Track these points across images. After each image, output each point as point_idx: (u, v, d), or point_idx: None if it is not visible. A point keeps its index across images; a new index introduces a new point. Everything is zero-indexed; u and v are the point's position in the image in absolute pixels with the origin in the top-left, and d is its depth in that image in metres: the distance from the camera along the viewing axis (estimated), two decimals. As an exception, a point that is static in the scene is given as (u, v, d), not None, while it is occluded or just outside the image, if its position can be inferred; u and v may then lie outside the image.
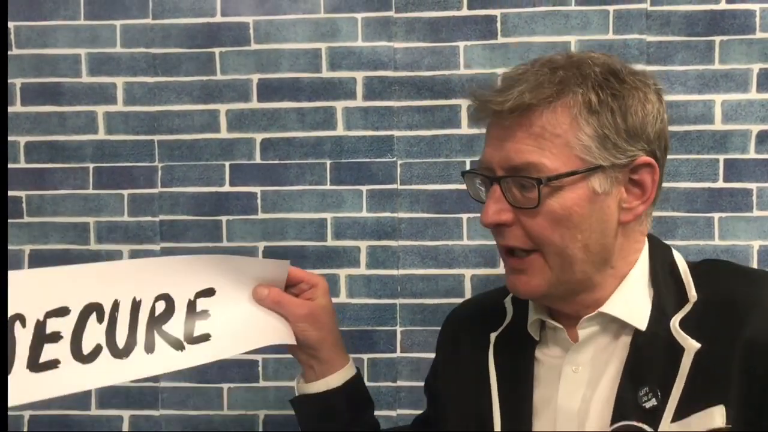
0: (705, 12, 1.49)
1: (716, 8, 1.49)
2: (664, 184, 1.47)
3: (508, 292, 1.10)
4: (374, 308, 1.56)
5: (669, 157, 1.46)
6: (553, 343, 1.03)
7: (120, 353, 0.95)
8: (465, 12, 1.53)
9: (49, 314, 0.92)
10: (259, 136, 1.57)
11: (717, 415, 0.88)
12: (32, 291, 0.92)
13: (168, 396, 1.58)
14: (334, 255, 1.56)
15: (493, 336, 1.08)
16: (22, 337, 0.90)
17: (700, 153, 1.50)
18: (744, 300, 0.92)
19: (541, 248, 0.95)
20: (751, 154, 1.49)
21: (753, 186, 1.50)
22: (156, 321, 0.98)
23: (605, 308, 0.98)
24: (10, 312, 0.90)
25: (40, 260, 1.58)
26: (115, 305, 0.96)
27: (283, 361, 1.58)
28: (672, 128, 1.49)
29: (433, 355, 1.53)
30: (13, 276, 0.91)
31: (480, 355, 1.08)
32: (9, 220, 1.59)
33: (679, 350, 0.92)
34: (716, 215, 1.50)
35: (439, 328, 1.52)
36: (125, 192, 1.59)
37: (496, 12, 1.52)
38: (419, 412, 1.36)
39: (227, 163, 1.57)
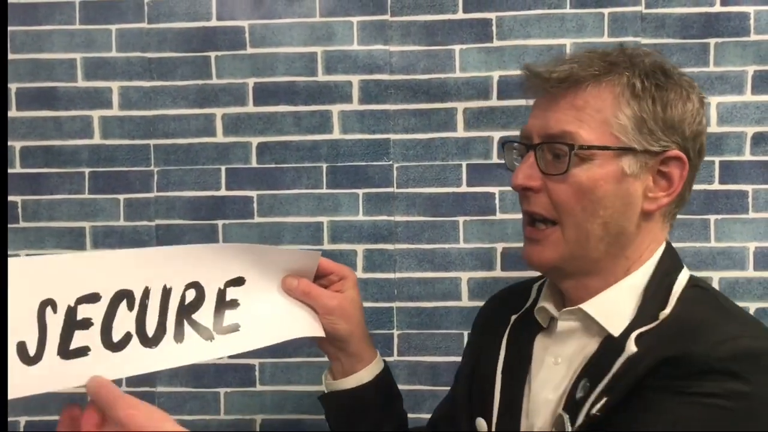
0: (700, 14, 1.49)
1: (711, 11, 1.49)
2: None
3: (541, 278, 1.14)
4: (371, 311, 1.56)
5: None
6: (552, 332, 1.06)
7: (149, 342, 0.93)
8: (460, 15, 1.53)
9: (80, 300, 0.90)
10: (255, 140, 1.57)
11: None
12: (63, 276, 0.90)
13: (165, 400, 1.58)
14: (330, 258, 1.55)
15: (513, 318, 1.11)
16: (53, 323, 0.88)
17: (696, 155, 1.50)
18: (697, 324, 0.92)
19: (562, 218, 0.97)
20: (747, 156, 1.50)
21: (749, 188, 1.50)
22: (186, 309, 0.97)
23: (586, 306, 1.00)
24: (41, 298, 0.88)
25: (36, 265, 1.58)
26: (146, 292, 0.94)
27: (280, 365, 1.57)
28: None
29: (429, 359, 1.55)
30: (41, 261, 0.90)
31: (500, 335, 1.11)
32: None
33: (620, 352, 0.94)
34: (712, 217, 1.50)
35: (436, 331, 1.54)
36: (121, 197, 1.58)
37: (492, 15, 1.52)
38: (417, 415, 1.36)
39: (223, 167, 1.57)
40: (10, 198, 1.58)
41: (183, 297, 0.97)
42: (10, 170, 1.58)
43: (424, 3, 1.53)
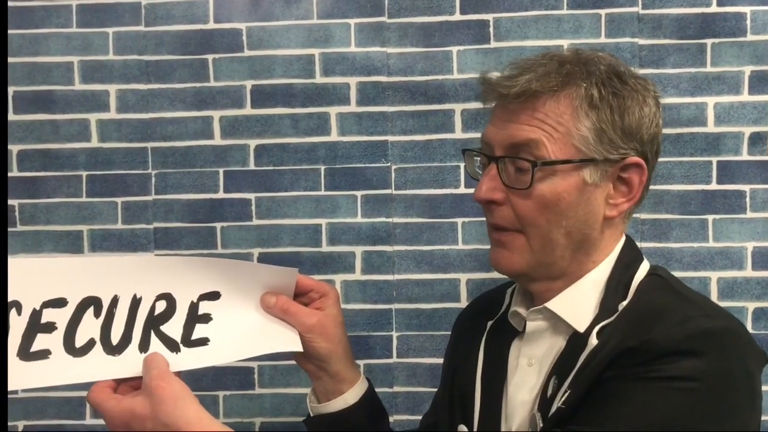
0: (696, 15, 1.49)
1: (708, 11, 1.49)
2: (658, 186, 1.49)
3: (512, 283, 1.15)
4: (370, 314, 1.56)
5: (662, 159, 1.48)
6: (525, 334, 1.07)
7: (113, 350, 0.93)
8: (458, 17, 1.53)
9: (46, 304, 0.91)
10: (253, 143, 1.57)
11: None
12: (31, 279, 0.91)
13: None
14: (329, 261, 1.56)
15: (489, 323, 1.12)
16: (17, 325, 0.89)
17: (693, 155, 1.50)
18: (653, 311, 0.94)
19: (526, 229, 0.99)
20: (744, 156, 1.50)
21: (746, 188, 1.50)
22: (155, 320, 0.96)
23: (551, 304, 1.01)
24: (9, 299, 0.89)
25: (33, 269, 1.57)
26: (114, 301, 0.95)
27: (279, 368, 1.57)
28: (665, 131, 1.49)
29: (429, 360, 1.55)
30: (13, 264, 0.91)
31: (477, 341, 1.12)
32: (2, 229, 1.59)
33: (583, 347, 0.95)
34: (710, 217, 1.51)
35: (435, 332, 1.54)
36: (119, 200, 1.58)
37: (489, 17, 1.53)
38: (416, 417, 1.36)
39: (221, 170, 1.57)
40: (8, 201, 1.58)
41: (153, 308, 0.97)
42: (7, 174, 1.58)
43: (421, 4, 1.53)
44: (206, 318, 0.99)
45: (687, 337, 0.89)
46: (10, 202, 1.58)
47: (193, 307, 0.99)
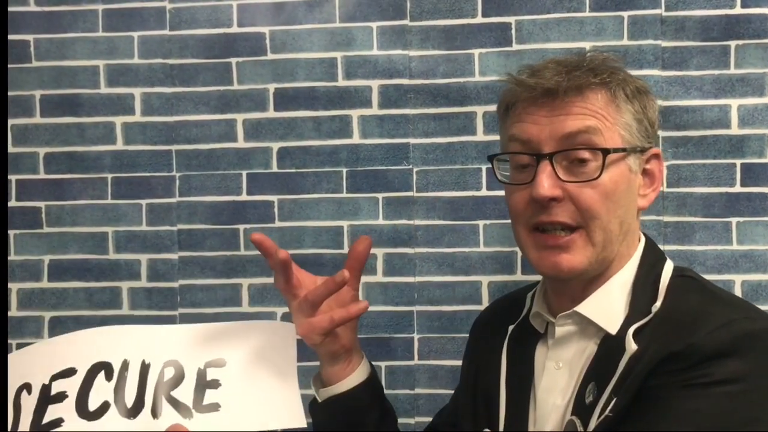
0: (720, 17, 1.49)
1: (731, 13, 1.48)
2: (682, 189, 1.49)
3: (532, 286, 1.15)
4: (391, 316, 1.56)
5: (685, 161, 1.50)
6: (550, 337, 1.07)
7: (128, 413, 0.93)
8: (479, 20, 1.53)
9: (55, 377, 0.92)
10: (275, 145, 1.58)
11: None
12: (38, 360, 0.92)
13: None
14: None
15: (510, 328, 1.12)
16: (27, 403, 0.90)
17: (717, 158, 1.49)
18: (692, 314, 0.94)
19: (588, 223, 0.98)
20: (769, 159, 1.49)
21: (771, 190, 1.49)
22: (165, 386, 0.96)
23: (580, 308, 1.01)
24: (18, 384, 0.90)
25: (59, 270, 1.60)
26: (125, 365, 0.95)
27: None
28: (688, 133, 1.50)
29: (450, 362, 1.55)
30: (18, 354, 0.92)
31: (498, 346, 1.12)
32: (29, 231, 1.60)
33: (622, 352, 0.95)
34: (734, 220, 1.50)
35: (456, 335, 1.54)
36: (143, 202, 1.60)
37: (511, 19, 1.53)
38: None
39: (244, 173, 1.58)
40: (34, 203, 1.60)
41: (162, 373, 0.97)
42: (34, 176, 1.60)
43: (443, 7, 1.54)
44: (215, 384, 0.99)
45: (732, 340, 0.89)
46: (36, 203, 1.60)
47: (201, 373, 0.99)
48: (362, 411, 1.12)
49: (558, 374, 1.02)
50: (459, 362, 1.36)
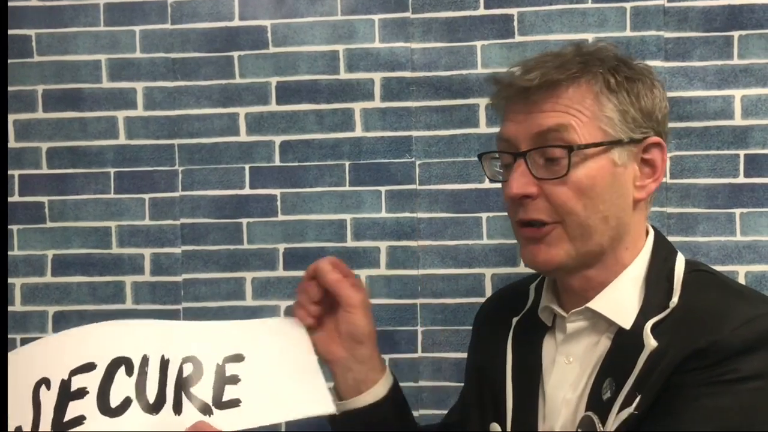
0: (723, 7, 1.48)
1: (734, 3, 1.48)
2: (685, 180, 1.49)
3: (535, 277, 1.14)
4: (395, 309, 1.56)
5: (689, 152, 1.49)
6: (559, 331, 1.06)
7: (150, 408, 0.92)
8: (482, 11, 1.53)
9: (74, 372, 0.90)
10: (278, 139, 1.58)
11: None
12: (56, 353, 0.91)
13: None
14: (354, 256, 1.56)
15: (514, 320, 1.12)
16: (47, 400, 0.88)
17: (720, 149, 1.49)
18: (714, 311, 0.94)
19: (564, 219, 0.98)
20: (772, 149, 1.49)
21: (774, 181, 1.49)
22: (184, 382, 0.95)
23: (593, 304, 1.01)
24: (35, 379, 0.88)
25: (62, 265, 1.60)
26: (145, 360, 0.94)
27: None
28: (691, 124, 1.49)
29: (454, 355, 1.55)
30: (34, 346, 0.91)
31: (502, 338, 1.11)
32: (32, 226, 1.61)
33: (640, 348, 0.94)
34: (737, 211, 1.49)
35: (460, 327, 1.54)
36: (146, 196, 1.60)
37: (513, 11, 1.52)
38: (442, 412, 1.36)
39: (247, 166, 1.58)
40: (37, 198, 1.60)
41: (181, 369, 0.95)
42: (36, 171, 1.61)
43: (445, 0, 1.53)
44: (234, 379, 0.98)
45: (757, 337, 0.90)
46: (39, 198, 1.61)
47: (220, 368, 0.98)
48: (380, 426, 1.10)
49: (568, 369, 1.02)
50: (463, 355, 1.36)
